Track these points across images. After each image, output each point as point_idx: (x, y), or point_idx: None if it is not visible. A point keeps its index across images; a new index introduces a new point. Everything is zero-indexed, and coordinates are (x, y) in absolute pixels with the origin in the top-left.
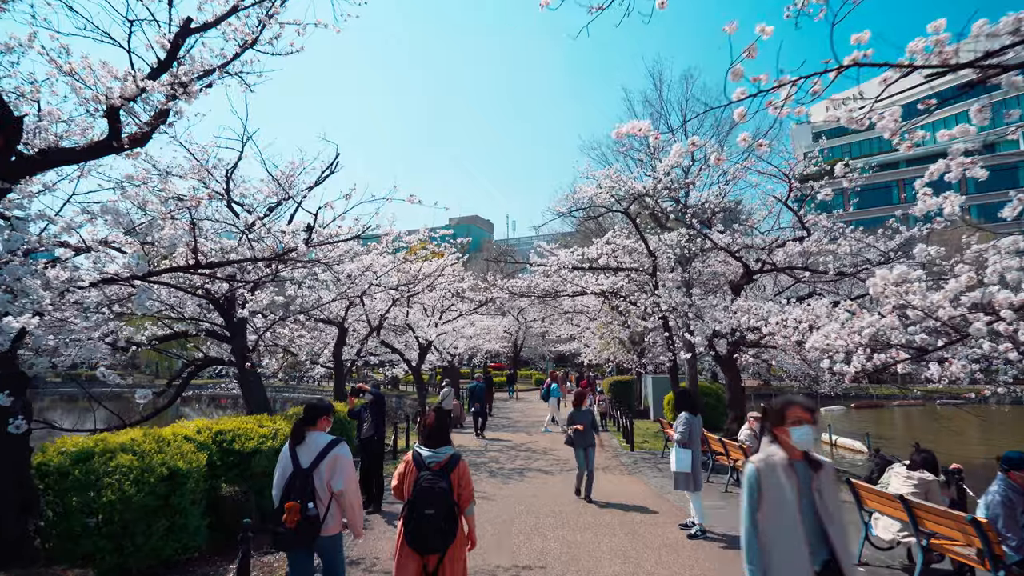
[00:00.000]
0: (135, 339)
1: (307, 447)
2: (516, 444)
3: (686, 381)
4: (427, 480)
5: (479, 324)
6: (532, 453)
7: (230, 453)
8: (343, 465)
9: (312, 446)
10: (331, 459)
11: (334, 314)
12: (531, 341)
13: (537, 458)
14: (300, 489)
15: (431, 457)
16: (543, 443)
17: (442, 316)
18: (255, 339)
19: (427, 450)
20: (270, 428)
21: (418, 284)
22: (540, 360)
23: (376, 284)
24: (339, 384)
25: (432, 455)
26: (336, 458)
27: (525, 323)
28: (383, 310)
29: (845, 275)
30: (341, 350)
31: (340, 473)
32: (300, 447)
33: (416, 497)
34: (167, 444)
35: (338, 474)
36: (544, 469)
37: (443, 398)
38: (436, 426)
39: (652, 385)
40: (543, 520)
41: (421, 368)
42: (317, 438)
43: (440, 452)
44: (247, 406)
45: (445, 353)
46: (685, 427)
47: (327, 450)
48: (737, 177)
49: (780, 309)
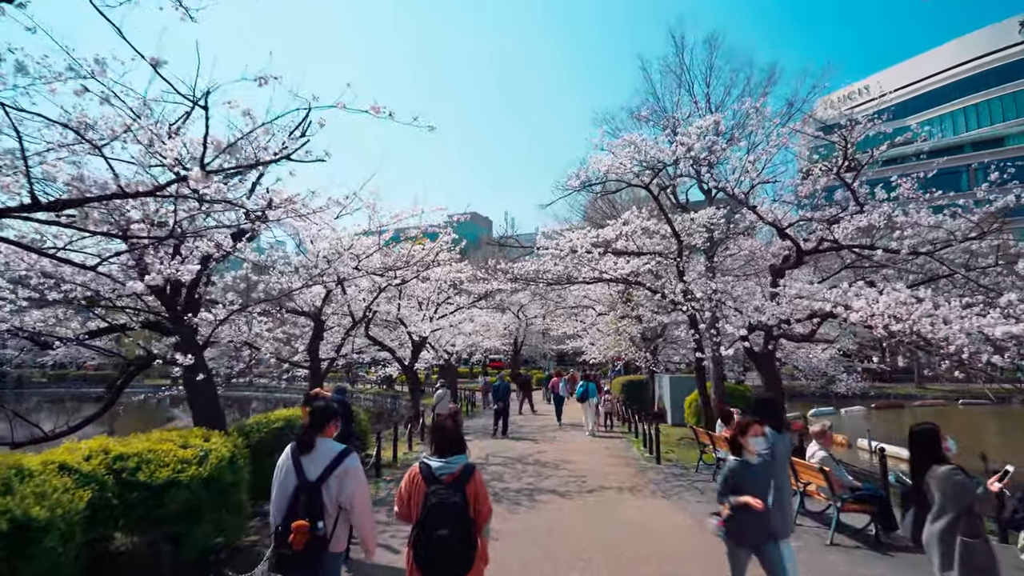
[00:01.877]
0: (57, 332)
1: (315, 456)
2: (521, 455)
3: (710, 382)
4: (438, 496)
5: (478, 320)
6: (541, 467)
7: (133, 487)
8: (356, 477)
9: (321, 456)
10: (342, 471)
11: (308, 304)
12: (531, 339)
13: (548, 474)
14: (308, 505)
15: (442, 468)
16: (552, 453)
17: (437, 310)
18: (209, 333)
19: (437, 460)
20: (197, 449)
21: (408, 269)
22: (541, 359)
23: (356, 268)
24: (316, 382)
25: (443, 466)
26: (347, 470)
27: (526, 320)
28: (368, 300)
29: (920, 254)
30: (317, 346)
31: (353, 486)
32: (306, 457)
33: (426, 516)
34: (27, 478)
35: (350, 487)
36: (559, 490)
37: (438, 401)
38: (452, 432)
39: (669, 386)
40: None
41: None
42: (327, 446)
43: (452, 462)
44: (193, 414)
45: (441, 351)
46: (769, 449)
47: (338, 461)
48: (780, 145)
49: (857, 294)
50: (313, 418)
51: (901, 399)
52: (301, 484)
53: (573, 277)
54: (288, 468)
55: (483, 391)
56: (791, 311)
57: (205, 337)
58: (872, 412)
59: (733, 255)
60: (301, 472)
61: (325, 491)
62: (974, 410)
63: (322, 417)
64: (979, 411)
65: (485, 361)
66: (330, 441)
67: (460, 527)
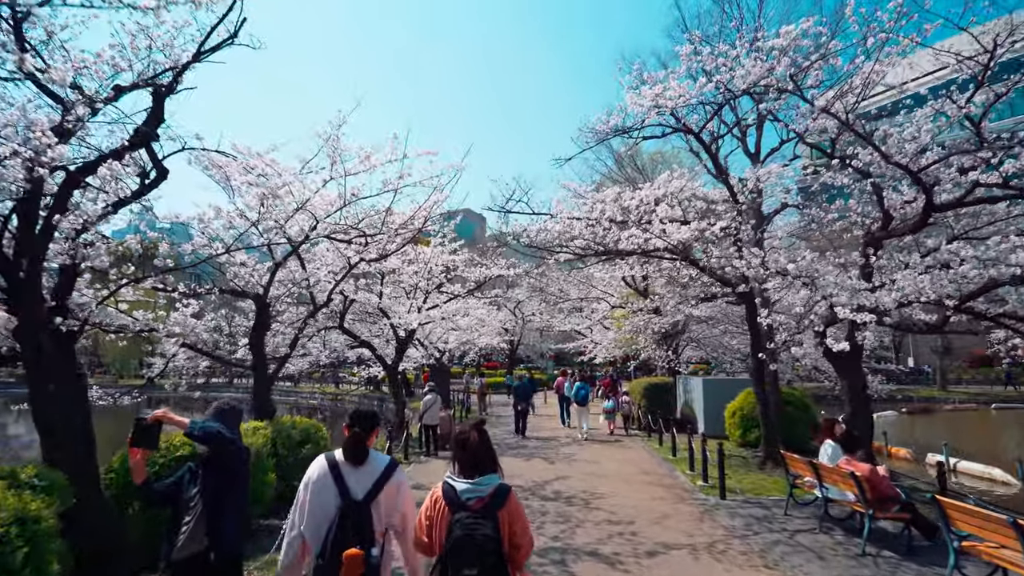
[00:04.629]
0: None
1: (361, 470)
2: (536, 482)
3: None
4: (465, 526)
5: (474, 314)
6: (566, 504)
7: None
8: (407, 494)
9: (368, 469)
10: (393, 487)
11: (247, 282)
12: (529, 337)
13: (578, 517)
14: (357, 529)
15: (469, 491)
16: (576, 479)
17: (427, 299)
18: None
19: (464, 482)
20: None
21: (386, 237)
22: (539, 358)
23: (314, 230)
24: (261, 389)
25: (471, 488)
26: (399, 485)
27: (523, 317)
28: (332, 279)
29: None
30: (262, 338)
31: (405, 504)
32: (351, 470)
33: (451, 551)
34: None
35: (402, 506)
36: (603, 551)
37: (426, 407)
38: (477, 446)
39: (702, 389)
40: None
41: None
42: (374, 459)
43: (482, 484)
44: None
45: (432, 348)
46: None
47: (387, 474)
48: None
49: None
50: (359, 423)
51: (925, 402)
52: (348, 504)
53: (608, 248)
54: (326, 484)
55: (479, 394)
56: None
57: (80, 321)
58: (903, 417)
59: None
60: (346, 490)
61: (375, 512)
62: (1007, 415)
63: (371, 422)
64: (1014, 415)
65: (479, 362)
66: (377, 453)
67: (492, 565)
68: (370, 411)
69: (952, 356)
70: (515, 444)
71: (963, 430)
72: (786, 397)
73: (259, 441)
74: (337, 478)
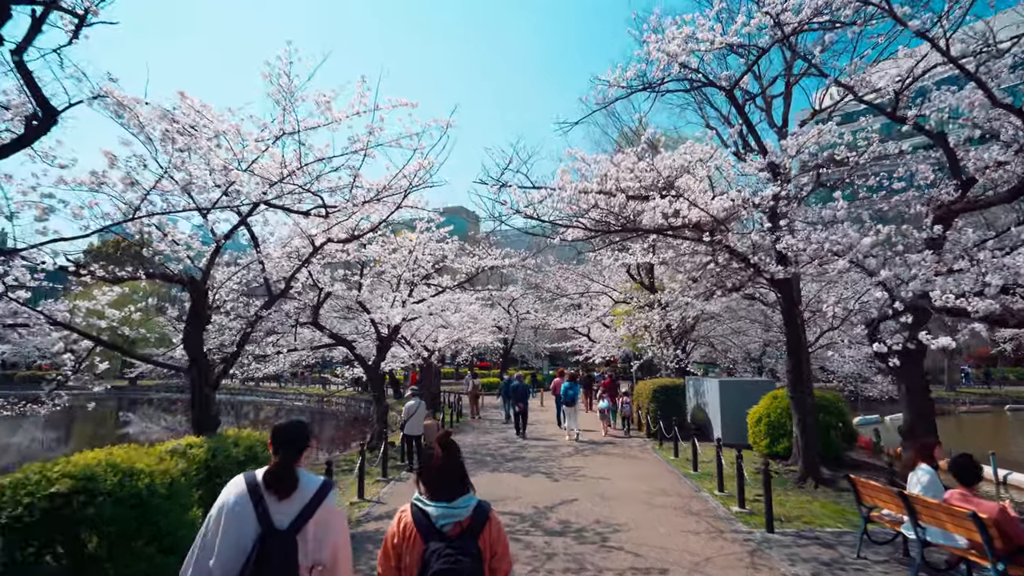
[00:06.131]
0: None
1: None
2: (536, 509)
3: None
4: (444, 558)
5: (465, 309)
6: (576, 542)
7: None
8: (340, 522)
9: (297, 494)
10: (324, 514)
11: (183, 263)
12: (523, 336)
13: (591, 560)
14: (279, 565)
15: (446, 516)
16: (584, 503)
17: (412, 292)
18: None
19: (436, 505)
20: None
21: (353, 207)
22: (534, 358)
23: (266, 195)
24: (200, 396)
25: (446, 512)
26: (331, 512)
27: (517, 316)
28: (296, 263)
29: None
30: (199, 333)
31: (337, 535)
32: (274, 495)
33: None
34: None
35: (334, 537)
36: None
37: (408, 415)
38: (448, 463)
39: (718, 392)
40: None
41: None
42: (303, 481)
43: (458, 506)
44: None
45: (420, 347)
46: None
47: (318, 500)
48: None
49: None
50: (285, 439)
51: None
52: (267, 536)
53: (626, 221)
54: (243, 511)
55: (471, 396)
56: None
57: None
58: None
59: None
60: (267, 518)
61: (301, 544)
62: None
63: (298, 441)
64: None
65: (472, 361)
66: (305, 472)
67: None
68: (296, 426)
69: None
70: (511, 455)
71: (986, 434)
72: (818, 401)
73: (175, 467)
74: (257, 503)
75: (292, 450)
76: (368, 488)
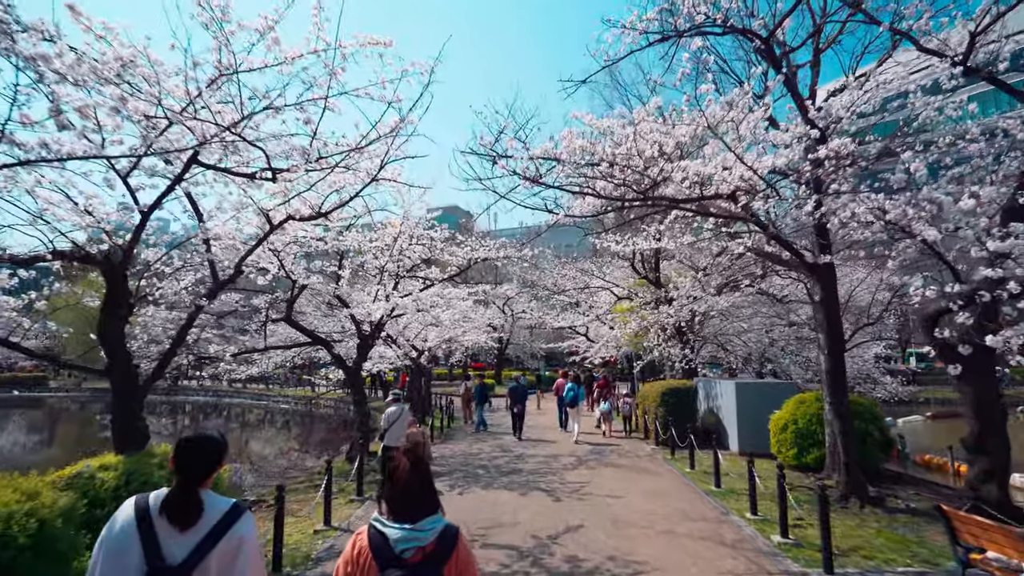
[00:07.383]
0: None
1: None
2: (537, 538)
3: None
4: None
5: (457, 306)
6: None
7: None
8: (252, 557)
9: (201, 523)
10: (231, 545)
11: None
12: (519, 336)
13: None
14: None
15: (407, 539)
16: (595, 530)
17: (397, 285)
18: None
19: (397, 527)
20: None
21: (306, 170)
22: (529, 359)
23: (198, 152)
24: (124, 403)
25: (408, 535)
26: (242, 541)
27: (512, 315)
28: (246, 245)
29: None
30: (119, 327)
31: (243, 570)
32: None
33: None
34: None
35: (240, 573)
36: None
37: (389, 422)
38: (412, 479)
39: (735, 396)
40: None
41: (372, 369)
42: (210, 505)
43: (422, 529)
44: None
45: (408, 347)
46: None
47: (222, 528)
48: None
49: None
50: (191, 457)
51: (940, 405)
52: (153, 574)
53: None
54: (125, 544)
55: (464, 399)
56: None
57: None
58: (928, 423)
59: None
60: (157, 551)
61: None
62: None
63: (209, 456)
64: None
65: (466, 362)
66: (212, 495)
67: None
68: (205, 441)
69: None
70: (507, 467)
71: None
72: (854, 405)
73: (51, 504)
74: (146, 534)
75: (197, 471)
76: (338, 510)
